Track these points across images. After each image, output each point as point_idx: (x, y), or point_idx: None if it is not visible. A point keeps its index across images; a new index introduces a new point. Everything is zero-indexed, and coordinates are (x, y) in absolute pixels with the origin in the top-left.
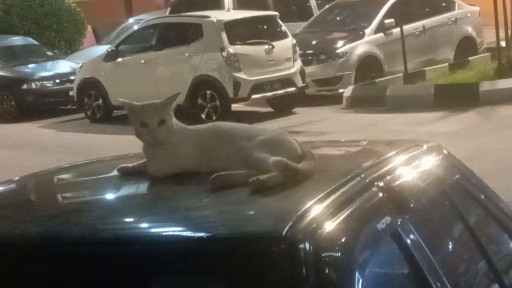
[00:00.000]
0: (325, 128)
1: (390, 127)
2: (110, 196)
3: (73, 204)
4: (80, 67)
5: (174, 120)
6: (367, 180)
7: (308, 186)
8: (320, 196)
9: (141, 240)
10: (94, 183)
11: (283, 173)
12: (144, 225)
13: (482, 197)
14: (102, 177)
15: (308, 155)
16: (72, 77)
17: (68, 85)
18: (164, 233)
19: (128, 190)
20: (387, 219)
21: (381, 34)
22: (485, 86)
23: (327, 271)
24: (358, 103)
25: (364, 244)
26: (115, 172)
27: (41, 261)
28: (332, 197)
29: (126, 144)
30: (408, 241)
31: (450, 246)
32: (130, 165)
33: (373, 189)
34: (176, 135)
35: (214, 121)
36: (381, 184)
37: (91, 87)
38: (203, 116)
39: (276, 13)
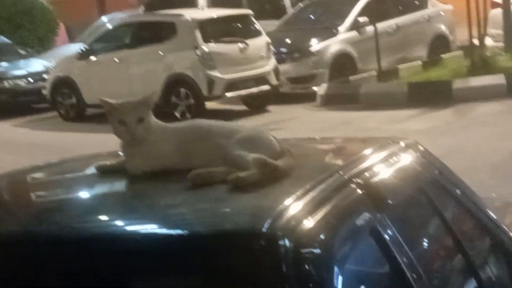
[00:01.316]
0: (299, 126)
1: (364, 125)
2: (87, 194)
3: (49, 202)
4: (54, 66)
5: (153, 118)
6: (346, 177)
7: (287, 183)
8: (299, 193)
9: (119, 238)
10: (70, 182)
11: (262, 170)
12: (122, 223)
13: (459, 193)
14: (79, 175)
15: (287, 152)
16: (45, 76)
17: (41, 83)
18: (142, 231)
19: (106, 188)
20: (366, 216)
21: (354, 32)
22: (458, 83)
23: (307, 267)
24: (332, 101)
25: (343, 241)
26: (92, 170)
27: (17, 261)
28: (311, 194)
29: (100, 143)
30: (387, 237)
31: (428, 242)
32: (108, 163)
33: (352, 186)
34: (155, 132)
35: (190, 119)
36: (359, 181)
37: (64, 86)
38: (177, 114)
39: (250, 11)
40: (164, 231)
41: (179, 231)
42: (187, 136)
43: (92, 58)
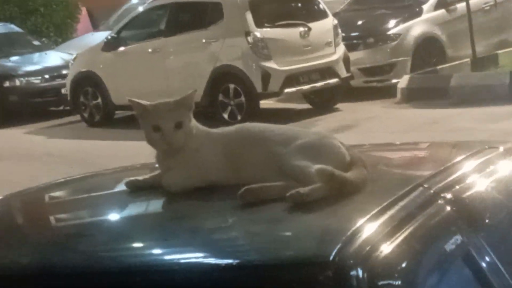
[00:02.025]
0: (375, 128)
1: (455, 124)
2: (116, 216)
3: (72, 227)
4: (74, 59)
5: (194, 122)
6: (432, 191)
7: (359, 200)
8: (374, 211)
9: (156, 269)
10: (96, 201)
11: (328, 185)
12: (159, 251)
13: None
14: (106, 193)
15: (358, 162)
16: (64, 72)
17: (59, 81)
18: (183, 261)
19: (138, 208)
20: (457, 239)
21: (442, 11)
22: None
23: None
24: (416, 96)
25: (429, 270)
26: (121, 187)
27: None
28: (389, 213)
29: (133, 153)
30: (483, 264)
31: None
32: (140, 178)
33: (439, 202)
34: (196, 140)
35: (240, 122)
36: (449, 195)
37: (87, 83)
38: (226, 116)
39: None
40: (210, 260)
41: (228, 260)
42: (235, 144)
43: (121, 48)
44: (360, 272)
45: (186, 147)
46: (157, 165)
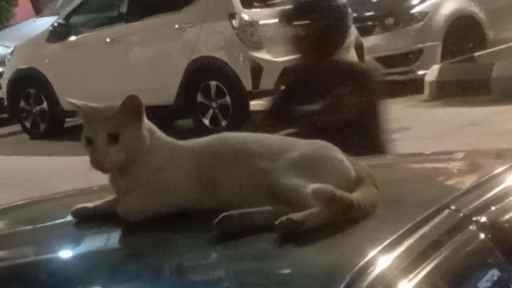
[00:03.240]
0: (397, 133)
1: (499, 126)
2: (59, 255)
3: (3, 270)
4: (11, 53)
5: (157, 132)
6: (461, 214)
7: (369, 227)
8: (388, 241)
9: None
10: (35, 236)
11: (328, 208)
12: None
13: None
14: (48, 225)
15: (367, 178)
16: None
17: None
18: None
19: (87, 244)
20: (494, 274)
21: None
22: None
23: None
24: (449, 91)
25: None
26: (68, 217)
27: None
28: (406, 243)
29: (88, 171)
30: None
31: None
32: (91, 204)
33: (471, 227)
34: (161, 155)
35: (225, 129)
36: (483, 219)
37: (29, 84)
38: (206, 121)
39: None
40: None
41: None
42: (210, 159)
43: (71, 38)
44: None
45: (146, 165)
46: (111, 188)
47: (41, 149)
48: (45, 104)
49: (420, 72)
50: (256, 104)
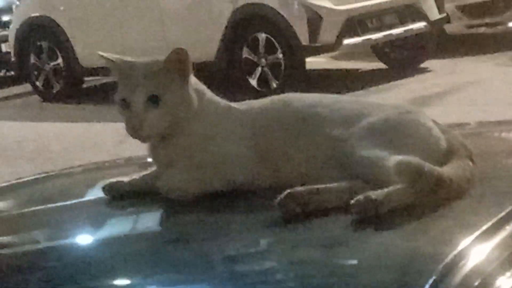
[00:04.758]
0: (484, 98)
1: None
2: (89, 238)
3: (22, 255)
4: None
5: (208, 93)
6: None
7: (463, 209)
8: (486, 227)
9: None
10: (59, 216)
11: (415, 186)
12: None
13: None
14: (73, 203)
15: (461, 150)
16: (4, 18)
17: None
18: None
19: (123, 226)
20: None
21: None
22: None
23: None
24: None
25: None
26: (97, 194)
27: None
28: (509, 228)
29: (113, 140)
30: None
31: None
32: (125, 179)
33: None
34: (210, 121)
35: (277, 92)
36: None
37: (41, 36)
38: (253, 82)
39: None
40: None
41: None
42: (271, 126)
43: None
44: None
45: (193, 132)
46: (150, 160)
47: (55, 114)
48: (60, 60)
49: None
50: (313, 61)
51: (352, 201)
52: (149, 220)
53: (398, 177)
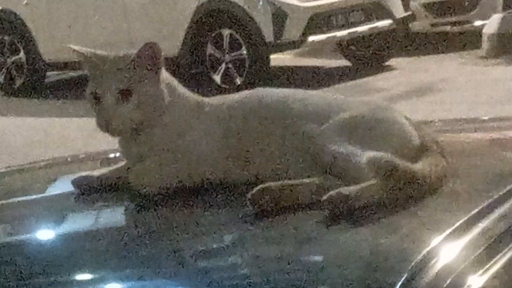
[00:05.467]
0: (450, 96)
1: None
2: (58, 235)
3: None
4: None
5: (179, 87)
6: None
7: (435, 206)
8: (458, 224)
9: None
10: (25, 212)
11: (387, 181)
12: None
13: None
14: (37, 198)
15: (433, 146)
16: None
17: None
18: None
19: (91, 220)
20: None
21: None
22: None
23: None
24: (511, 47)
25: None
26: (65, 188)
27: None
28: (481, 225)
29: (75, 135)
30: None
31: None
32: (95, 173)
33: None
34: (181, 115)
35: (240, 88)
36: None
37: (3, 30)
38: (217, 78)
39: None
40: None
41: None
42: (243, 121)
43: None
44: None
45: (164, 126)
46: (118, 154)
47: (16, 109)
48: (21, 54)
49: (477, 23)
50: (278, 58)
51: (324, 197)
52: (118, 214)
53: (371, 173)
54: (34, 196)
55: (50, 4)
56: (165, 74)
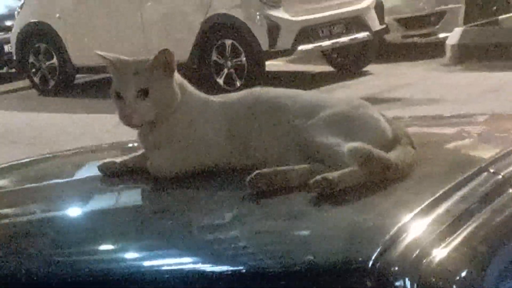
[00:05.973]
0: (418, 98)
1: None
2: (84, 211)
3: (22, 225)
4: (21, 6)
5: (188, 87)
6: (499, 177)
7: (406, 189)
8: (425, 204)
9: (139, 280)
10: (54, 192)
11: (365, 168)
12: (141, 256)
13: None
14: (68, 181)
15: (404, 138)
16: (7, 23)
17: (1, 35)
18: (174, 269)
19: (114, 200)
20: None
21: None
22: None
23: None
24: (471, 56)
25: (498, 280)
26: (91, 172)
27: None
28: (444, 206)
29: (101, 129)
30: None
31: None
32: (118, 160)
33: (510, 190)
34: (192, 110)
35: (240, 89)
36: None
37: (39, 39)
38: (220, 81)
39: None
40: (209, 268)
41: (234, 268)
42: (243, 115)
43: None
44: (408, 283)
45: (177, 120)
46: (136, 144)
47: (50, 106)
48: (55, 60)
49: (442, 35)
50: (272, 64)
51: (311, 181)
52: (137, 194)
53: (351, 160)
54: (66, 179)
55: (79, 17)
56: (177, 76)
